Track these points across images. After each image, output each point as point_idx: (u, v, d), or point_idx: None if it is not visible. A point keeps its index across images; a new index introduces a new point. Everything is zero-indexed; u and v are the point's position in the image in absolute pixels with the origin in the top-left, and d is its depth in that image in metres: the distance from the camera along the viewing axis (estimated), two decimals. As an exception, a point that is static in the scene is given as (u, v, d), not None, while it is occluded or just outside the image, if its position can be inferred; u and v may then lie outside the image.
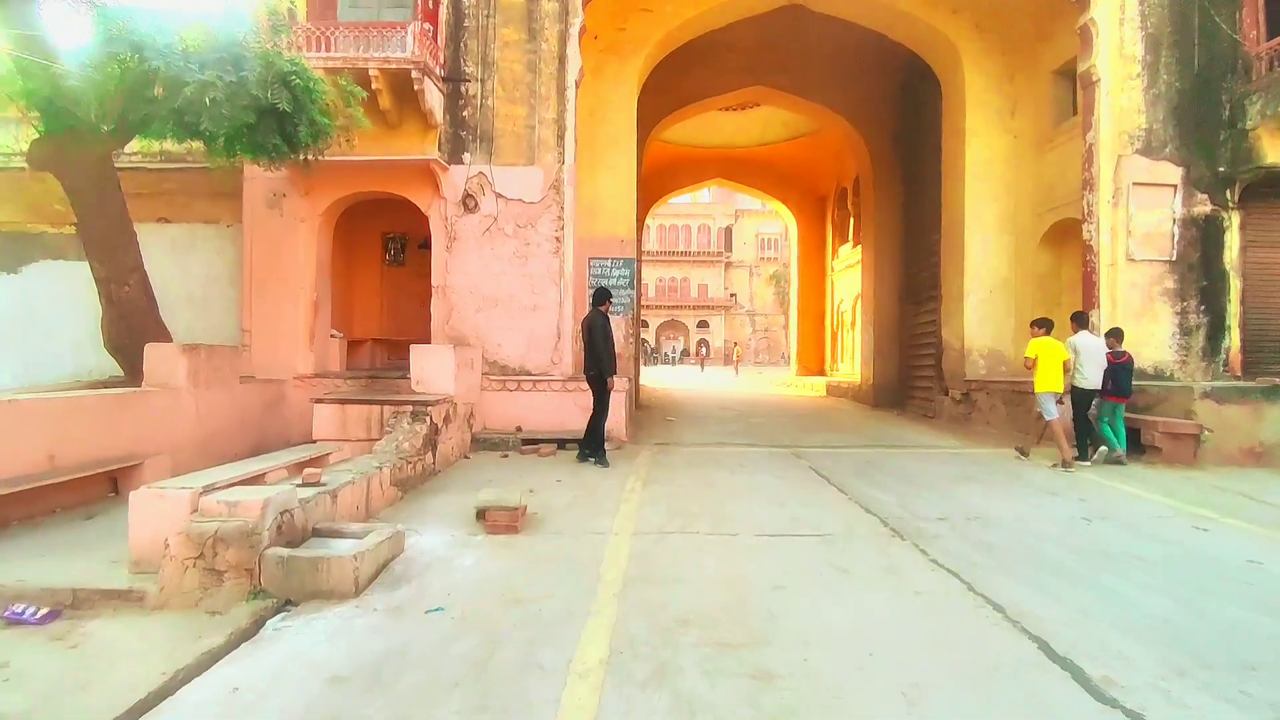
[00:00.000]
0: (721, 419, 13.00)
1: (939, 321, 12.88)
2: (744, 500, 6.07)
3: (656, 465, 7.71)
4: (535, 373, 9.11)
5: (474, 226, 9.14)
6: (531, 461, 8.01)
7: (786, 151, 21.82)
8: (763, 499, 6.11)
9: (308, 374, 9.11)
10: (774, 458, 8.29)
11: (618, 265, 11.29)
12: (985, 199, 11.36)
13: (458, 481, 6.87)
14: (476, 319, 9.14)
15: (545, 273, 9.15)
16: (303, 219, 9.18)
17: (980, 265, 11.35)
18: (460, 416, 8.08)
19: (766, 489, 6.54)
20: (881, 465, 7.79)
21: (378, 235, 11.34)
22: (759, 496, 6.20)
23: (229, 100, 5.59)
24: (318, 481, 4.81)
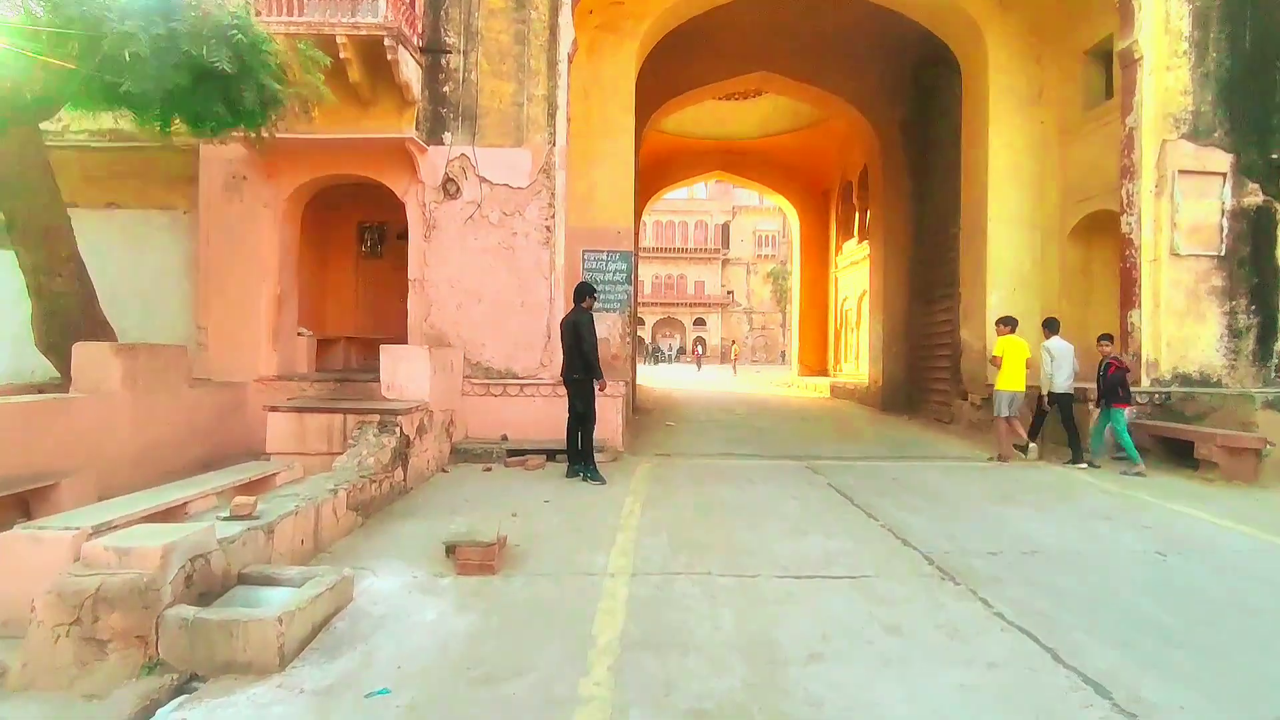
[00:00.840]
0: (724, 424, 12.18)
1: (956, 321, 12.08)
2: (759, 527, 5.24)
3: (657, 481, 6.88)
4: (523, 376, 8.27)
5: (455, 214, 8.29)
6: (517, 476, 7.18)
7: (789, 144, 21.01)
8: (781, 525, 5.28)
9: (270, 376, 8.24)
10: (786, 472, 7.47)
11: (614, 258, 10.45)
12: (1009, 190, 10.56)
13: (431, 501, 6.03)
14: (458, 316, 8.28)
15: (534, 266, 8.31)
16: (265, 204, 8.30)
17: (1003, 261, 10.55)
18: (437, 425, 7.23)
19: (783, 512, 5.72)
20: (906, 481, 6.98)
21: (353, 225, 10.46)
22: (776, 522, 5.38)
23: (156, 56, 4.72)
24: (249, 514, 3.97)
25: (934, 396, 13.12)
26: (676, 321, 58.53)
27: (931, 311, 13.51)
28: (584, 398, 6.98)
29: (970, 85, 11.28)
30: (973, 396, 10.99)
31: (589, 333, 6.90)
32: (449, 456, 7.61)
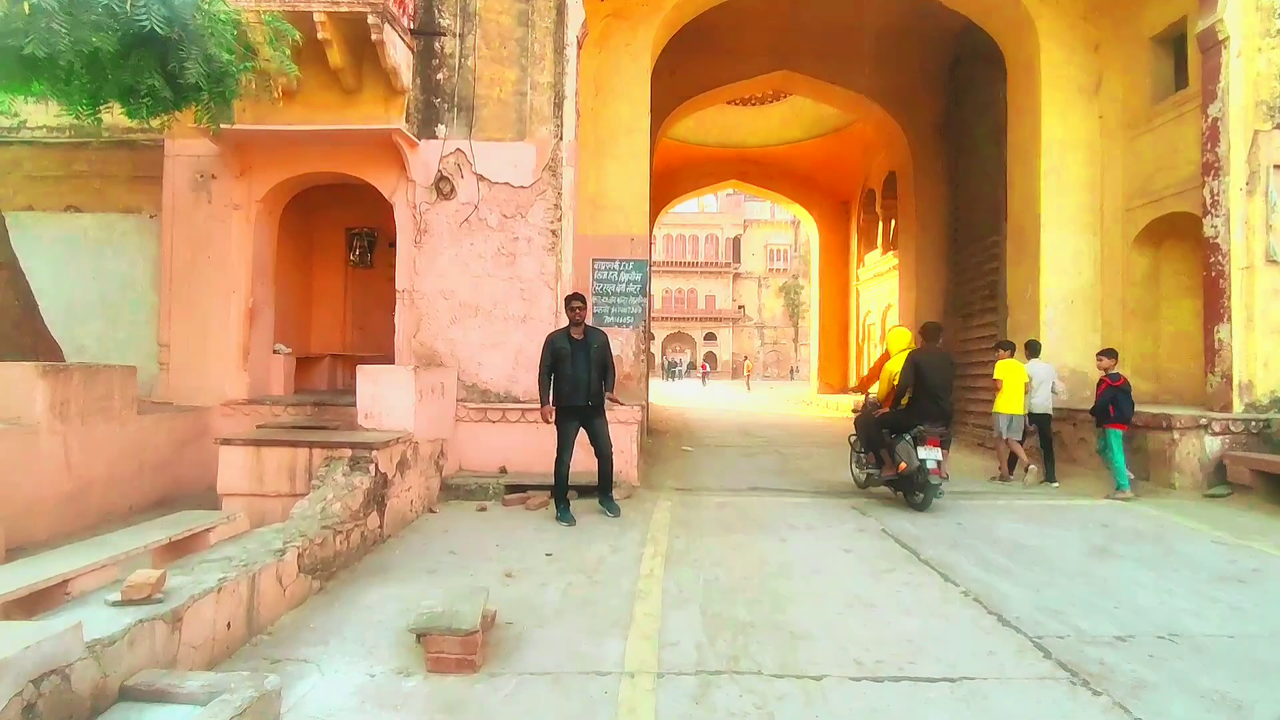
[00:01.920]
0: (747, 449, 11.12)
1: (999, 336, 11.01)
2: (813, 596, 4.20)
3: (679, 527, 5.85)
4: (524, 399, 7.28)
5: (449, 216, 7.35)
6: (517, 517, 6.17)
7: (808, 151, 20.10)
8: (839, 595, 4.24)
9: (240, 399, 7.29)
10: (828, 512, 6.42)
11: (626, 268, 9.49)
12: (1064, 193, 9.53)
13: (411, 554, 5.02)
14: (451, 332, 7.32)
15: (538, 275, 7.34)
16: (236, 206, 7.39)
17: (1058, 271, 9.50)
18: (424, 458, 6.24)
19: (838, 571, 4.67)
20: (973, 526, 5.91)
21: (340, 230, 9.55)
22: (833, 589, 4.33)
23: (68, 12, 3.81)
24: (148, 596, 2.98)
25: (973, 420, 12.02)
26: (687, 336, 57.57)
27: (969, 327, 12.46)
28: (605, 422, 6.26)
29: (1018, 78, 10.29)
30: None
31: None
32: (438, 494, 6.61)
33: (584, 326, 6.17)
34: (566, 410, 6.09)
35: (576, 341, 6.09)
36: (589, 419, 6.18)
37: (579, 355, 6.04)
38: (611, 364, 6.27)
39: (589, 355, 6.07)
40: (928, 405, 6.43)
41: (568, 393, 6.04)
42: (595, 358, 6.09)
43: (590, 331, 6.23)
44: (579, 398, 6.05)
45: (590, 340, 6.14)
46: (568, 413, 6.10)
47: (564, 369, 6.00)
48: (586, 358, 6.06)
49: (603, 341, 6.23)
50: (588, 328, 6.24)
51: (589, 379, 6.05)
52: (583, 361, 6.04)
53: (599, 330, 6.41)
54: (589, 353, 6.08)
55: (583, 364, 6.04)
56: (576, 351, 6.05)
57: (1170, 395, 9.10)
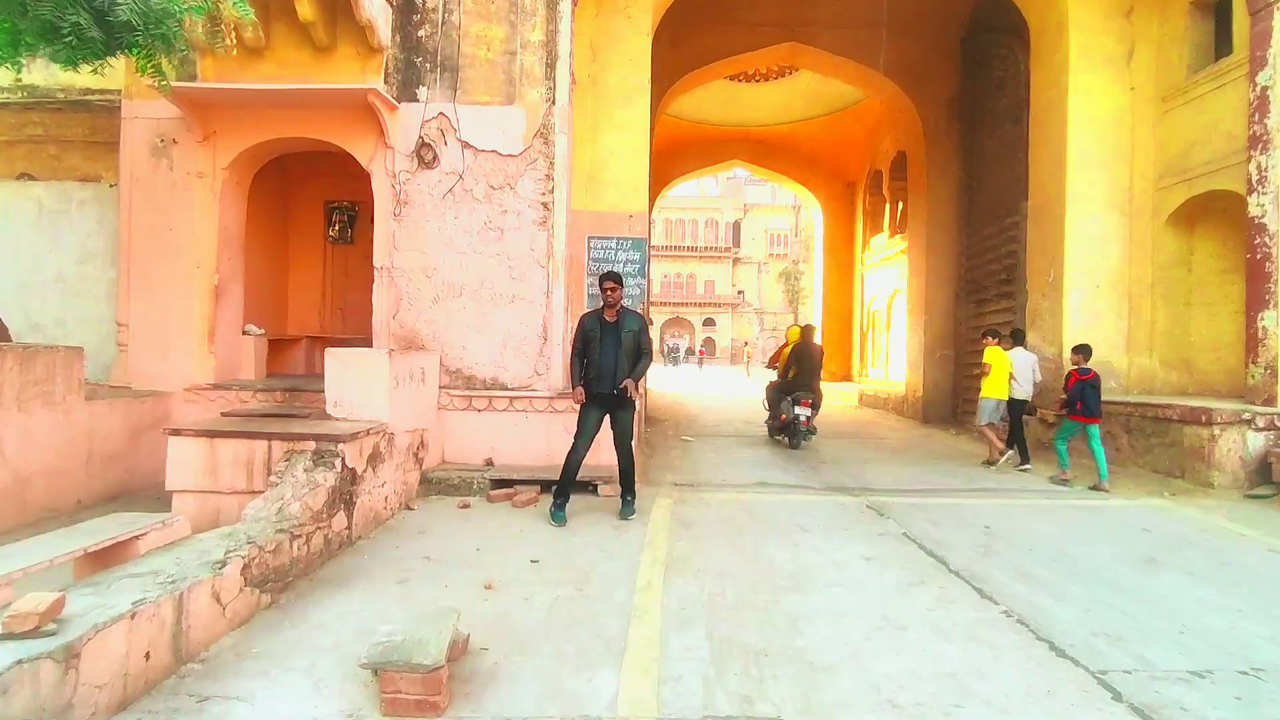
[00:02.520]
0: (750, 439, 10.60)
1: (1016, 323, 10.47)
2: (834, 616, 3.67)
3: (680, 528, 5.32)
4: (513, 386, 6.73)
5: (432, 187, 6.76)
6: (502, 515, 5.64)
7: (813, 131, 19.43)
8: (864, 614, 3.71)
9: (204, 384, 6.73)
10: (843, 513, 5.90)
11: (624, 247, 8.90)
12: (1092, 169, 8.94)
13: (381, 560, 4.49)
14: (434, 313, 6.75)
15: (528, 252, 6.76)
16: (200, 174, 6.79)
17: (1085, 253, 8.93)
18: (401, 450, 5.70)
19: (861, 586, 4.14)
20: (1004, 530, 5.39)
21: (319, 205, 8.94)
22: (856, 607, 3.81)
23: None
24: (36, 628, 2.44)
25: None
26: (686, 322, 56.98)
27: (984, 313, 11.90)
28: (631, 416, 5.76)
29: (1042, 48, 9.66)
30: (1043, 411, 9.37)
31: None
32: (417, 489, 6.08)
33: (619, 309, 5.66)
34: (591, 397, 5.61)
35: (607, 324, 5.60)
36: (614, 409, 5.65)
37: (608, 339, 5.55)
38: (648, 351, 5.72)
39: (619, 340, 5.56)
40: (802, 380, 9.50)
41: (593, 379, 5.56)
42: (627, 343, 5.57)
43: (625, 315, 5.68)
44: (604, 384, 5.55)
45: (622, 324, 5.62)
46: (591, 400, 5.62)
47: (592, 353, 5.55)
48: (616, 342, 5.56)
49: (637, 326, 5.68)
50: (623, 310, 5.71)
51: (616, 366, 5.54)
52: (611, 346, 5.55)
53: (636, 314, 5.82)
54: (619, 337, 5.57)
55: (610, 349, 5.55)
56: (605, 335, 5.56)
57: (1201, 387, 8.58)
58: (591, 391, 5.59)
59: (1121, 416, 7.96)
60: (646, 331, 5.80)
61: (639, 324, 5.72)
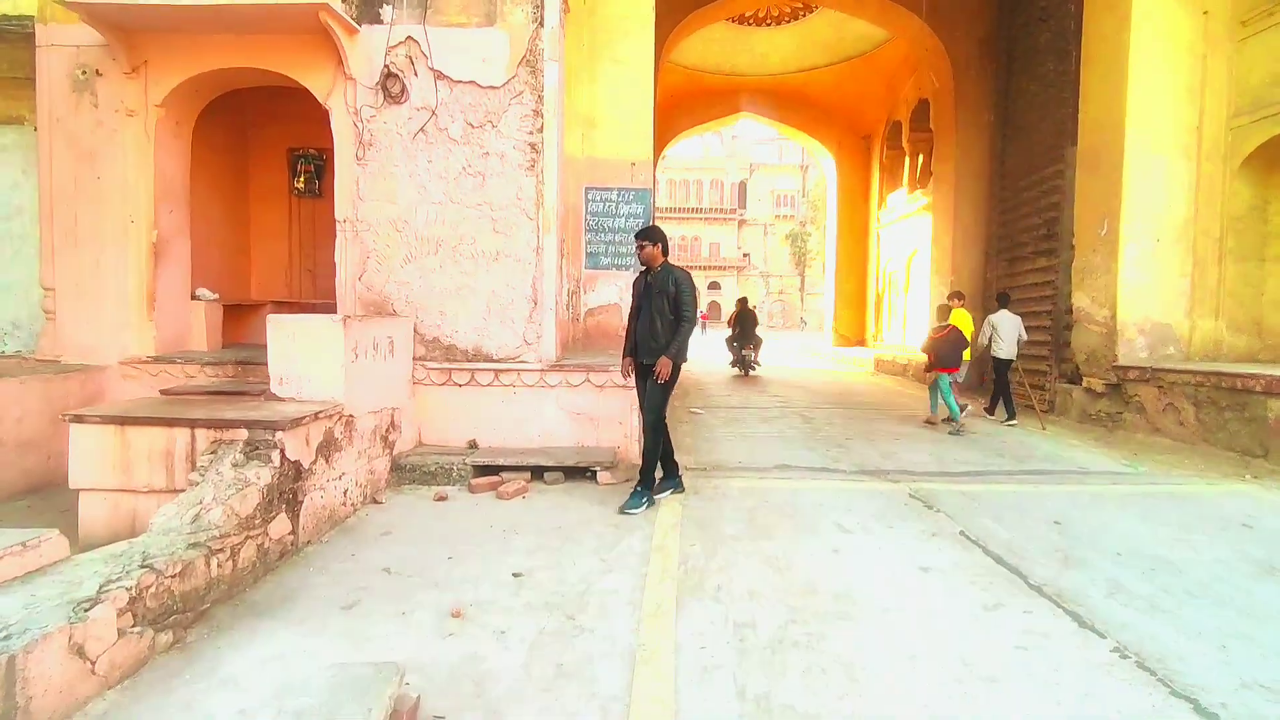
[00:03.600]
0: (764, 411, 9.74)
1: (1058, 284, 9.52)
2: (898, 659, 2.83)
3: (694, 529, 4.46)
4: (499, 358, 5.85)
5: (400, 126, 5.78)
6: (484, 510, 4.80)
7: (826, 80, 18.19)
8: (937, 657, 2.86)
9: (145, 357, 5.86)
10: (886, 505, 5.04)
11: (626, 199, 7.92)
12: (1156, 107, 7.88)
13: (330, 575, 3.66)
14: (406, 273, 5.83)
15: (514, 201, 5.82)
16: (131, 112, 5.82)
17: (1145, 203, 7.92)
18: (365, 435, 4.84)
19: (925, 612, 3.28)
20: (1079, 527, 4.54)
21: (282, 152, 7.95)
22: (925, 646, 2.95)
23: None
24: None
25: (1019, 376, 10.57)
26: (690, 286, 55.80)
27: (1018, 272, 10.93)
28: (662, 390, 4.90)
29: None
30: (1091, 381, 8.48)
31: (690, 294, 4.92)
32: (387, 477, 5.24)
33: (655, 268, 4.93)
34: (636, 368, 5.08)
35: (649, 285, 4.95)
36: (648, 379, 4.93)
37: (644, 302, 4.94)
38: (687, 315, 4.84)
39: (651, 302, 4.86)
40: (744, 334, 14.88)
41: (630, 347, 5.07)
42: (660, 305, 4.83)
43: (662, 274, 4.91)
44: (640, 352, 4.97)
45: (655, 284, 4.89)
46: (638, 371, 5.08)
47: (633, 318, 5.07)
48: (649, 305, 4.88)
49: (672, 286, 4.85)
50: (664, 268, 4.92)
51: (649, 331, 4.87)
52: (645, 310, 4.92)
53: (673, 271, 4.93)
54: (651, 299, 4.87)
55: (645, 313, 4.92)
56: (643, 298, 4.97)
57: (1275, 354, 7.67)
58: (635, 360, 5.04)
59: (1188, 387, 7.05)
60: (685, 291, 4.86)
61: (674, 283, 4.85)
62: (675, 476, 5.18)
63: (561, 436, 5.85)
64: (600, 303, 8.02)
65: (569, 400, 5.85)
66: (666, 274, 4.90)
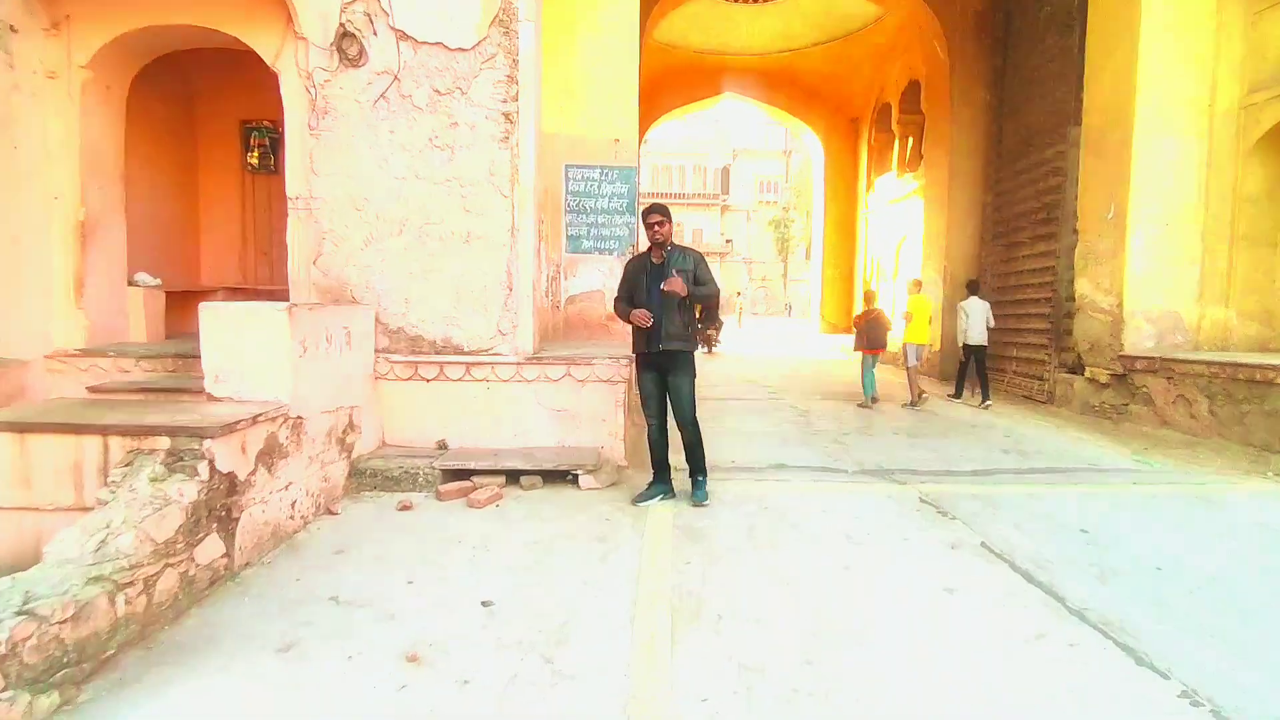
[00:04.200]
0: (756, 404, 9.31)
1: (1058, 269, 9.17)
2: (932, 701, 2.39)
3: (687, 541, 3.99)
4: (470, 350, 5.33)
5: (359, 92, 5.20)
6: (454, 521, 4.30)
7: (814, 60, 17.69)
8: (978, 699, 2.42)
9: (73, 349, 5.26)
10: (896, 512, 4.60)
11: (609, 178, 7.40)
12: (1168, 83, 7.49)
13: (268, 606, 3.14)
14: (366, 257, 5.28)
15: (486, 177, 5.27)
16: (51, 74, 5.18)
17: (1155, 184, 7.55)
18: (317, 438, 4.32)
19: (958, 646, 2.84)
20: (1108, 536, 4.13)
21: (233, 125, 7.30)
22: (962, 688, 2.51)
23: None
24: None
25: (1017, 366, 10.28)
26: (672, 272, 55.30)
27: (1015, 257, 10.57)
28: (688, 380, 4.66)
29: (1108, -63, 8.08)
30: (1094, 371, 8.13)
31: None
32: (344, 484, 4.72)
33: (667, 248, 4.54)
34: (642, 359, 4.67)
35: (654, 267, 4.54)
36: (666, 372, 4.57)
37: (654, 287, 4.48)
38: (712, 288, 4.58)
39: None
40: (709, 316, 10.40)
41: (637, 336, 4.61)
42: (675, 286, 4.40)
43: (675, 254, 4.52)
44: (648, 341, 4.53)
45: (671, 265, 4.46)
46: (643, 361, 4.66)
47: (637, 303, 4.55)
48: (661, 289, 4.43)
49: (690, 264, 4.51)
50: (674, 249, 4.52)
51: (664, 319, 4.44)
52: (658, 295, 4.46)
53: (689, 252, 4.60)
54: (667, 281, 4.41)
55: (658, 298, 4.47)
56: (652, 282, 4.51)
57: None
58: (638, 352, 4.64)
59: (1201, 379, 6.70)
60: (705, 267, 4.58)
61: (691, 261, 4.52)
62: (666, 481, 4.72)
63: (540, 436, 5.35)
64: (582, 289, 7.52)
65: (548, 396, 5.35)
66: (681, 254, 4.54)
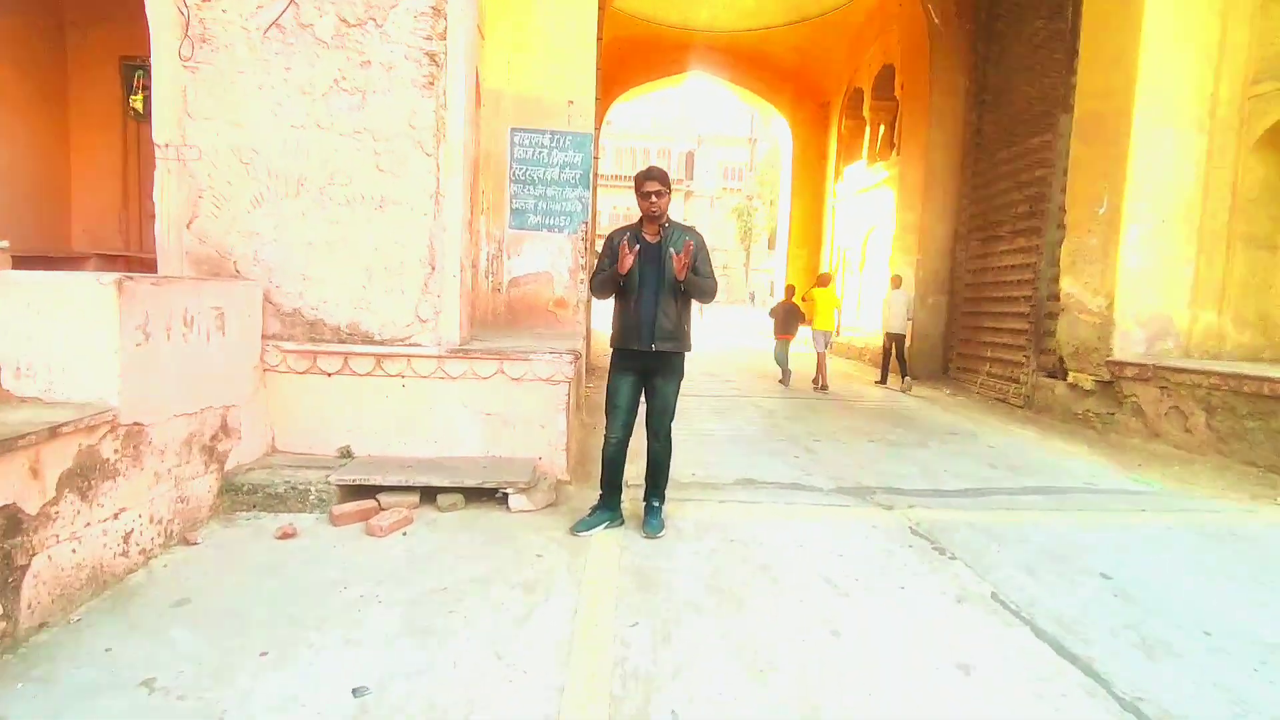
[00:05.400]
0: (718, 402, 8.57)
1: (1040, 266, 8.64)
2: None
3: (638, 593, 3.19)
4: (383, 338, 4.42)
5: (246, 18, 4.21)
6: (346, 555, 3.42)
7: (786, 40, 16.97)
8: None
9: (-128, 326, 4.18)
10: (885, 547, 3.88)
11: (561, 145, 6.51)
12: (1170, 70, 6.94)
13: (46, 700, 2.23)
14: (256, 221, 4.31)
15: (406, 129, 4.35)
16: None
17: (1152, 177, 7.01)
18: (171, 449, 3.38)
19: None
20: (1135, 583, 3.49)
21: (112, 62, 6.18)
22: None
23: None
24: None
25: (990, 367, 9.78)
26: (633, 258, 54.40)
27: (992, 253, 10.05)
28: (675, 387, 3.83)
29: (1111, -92, 7.46)
30: (1078, 376, 7.61)
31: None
32: (213, 502, 3.79)
33: (664, 223, 3.73)
34: (621, 356, 3.80)
35: (647, 245, 3.69)
36: (652, 374, 3.72)
37: (648, 271, 3.66)
38: (711, 281, 3.77)
39: (662, 271, 3.61)
40: None
41: (622, 329, 3.74)
42: (671, 277, 3.60)
43: (673, 233, 3.72)
44: (636, 337, 3.68)
45: (668, 246, 3.62)
46: (623, 360, 3.80)
47: (625, 289, 3.69)
48: (658, 275, 3.64)
49: (690, 250, 3.59)
50: (670, 226, 3.74)
51: (656, 311, 3.65)
52: (652, 281, 3.66)
53: (688, 231, 3.74)
54: (662, 267, 3.60)
55: (651, 285, 3.66)
56: (646, 263, 3.65)
57: (1278, 351, 6.93)
58: (619, 346, 3.76)
59: (1199, 390, 6.19)
60: (705, 254, 3.73)
61: (696, 245, 3.66)
62: (615, 506, 3.92)
63: (466, 444, 4.49)
64: (528, 270, 6.64)
65: (476, 396, 4.48)
66: (680, 234, 3.69)
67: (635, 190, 3.67)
